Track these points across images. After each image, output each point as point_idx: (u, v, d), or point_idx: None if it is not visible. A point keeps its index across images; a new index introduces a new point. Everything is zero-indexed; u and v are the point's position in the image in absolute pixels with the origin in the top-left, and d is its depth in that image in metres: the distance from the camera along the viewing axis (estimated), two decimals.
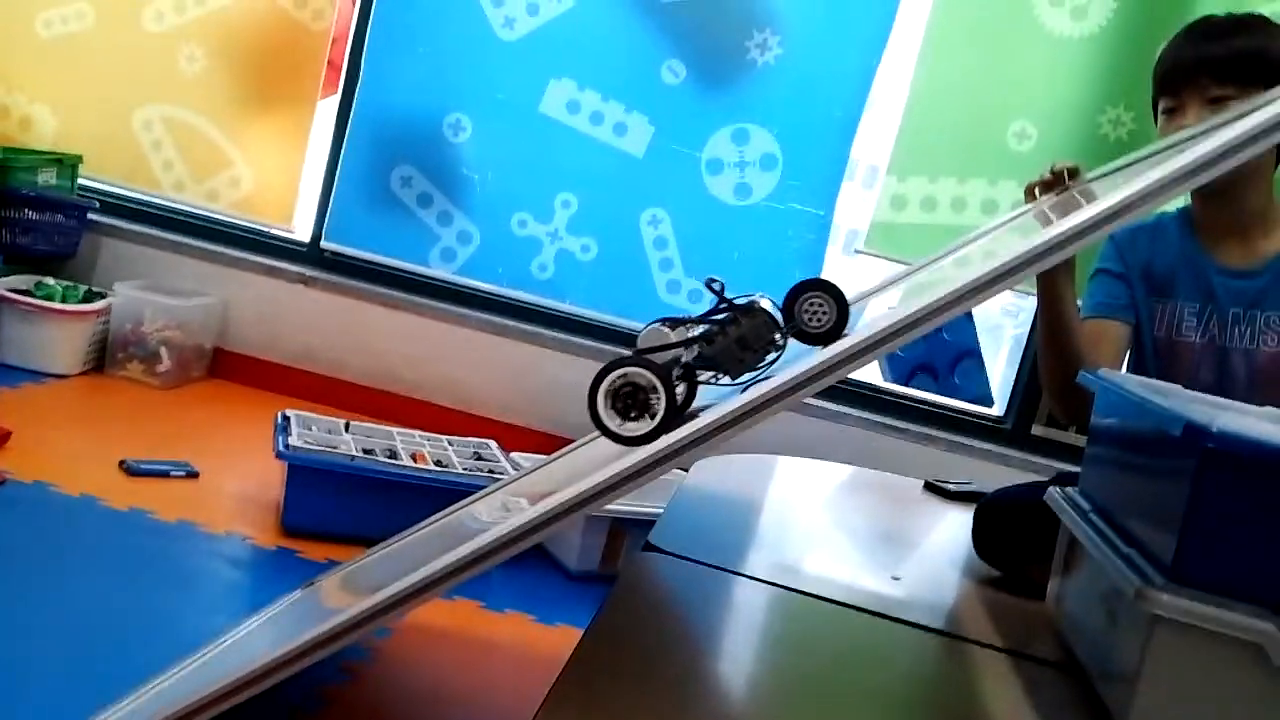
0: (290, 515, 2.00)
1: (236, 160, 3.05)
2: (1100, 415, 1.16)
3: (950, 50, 2.74)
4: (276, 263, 3.02)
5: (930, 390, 3.15)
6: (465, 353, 2.96)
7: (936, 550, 1.57)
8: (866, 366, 0.88)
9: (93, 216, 2.98)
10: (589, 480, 0.87)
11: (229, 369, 3.02)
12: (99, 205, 3.00)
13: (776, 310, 0.98)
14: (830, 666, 1.03)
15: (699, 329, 1.00)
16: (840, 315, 0.97)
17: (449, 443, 2.29)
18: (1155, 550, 0.88)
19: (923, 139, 2.77)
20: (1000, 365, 3.83)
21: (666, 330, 1.01)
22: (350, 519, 1.98)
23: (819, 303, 0.97)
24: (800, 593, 1.16)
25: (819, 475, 1.88)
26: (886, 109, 2.89)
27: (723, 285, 1.00)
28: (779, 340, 0.97)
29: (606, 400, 0.94)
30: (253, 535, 1.96)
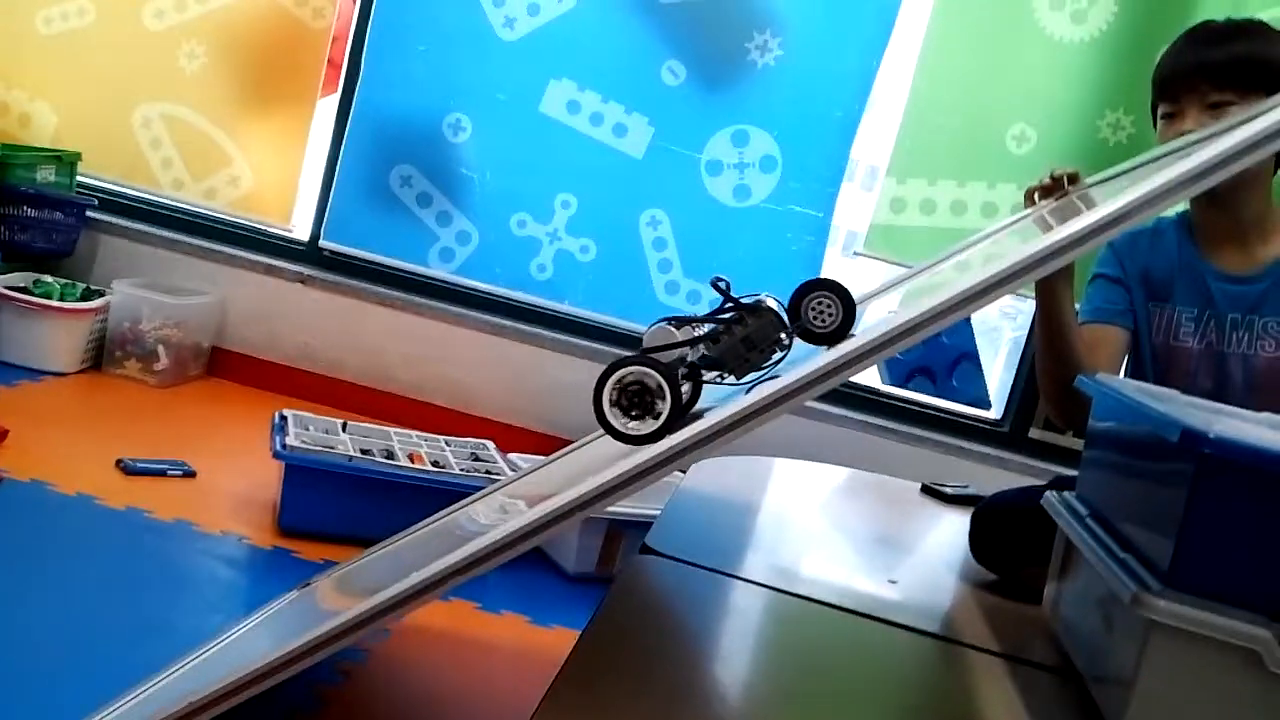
0: (287, 515, 2.00)
1: (236, 158, 3.05)
2: (1097, 420, 1.16)
3: (950, 53, 2.74)
4: (275, 261, 3.02)
5: (928, 393, 3.14)
6: (463, 353, 2.96)
7: (933, 554, 1.57)
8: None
9: (91, 214, 2.98)
10: (589, 483, 0.86)
11: (227, 368, 3.02)
12: (98, 203, 2.99)
13: (782, 310, 0.98)
14: (826, 670, 1.03)
15: (705, 328, 1.00)
16: (846, 315, 0.97)
17: (446, 443, 2.29)
18: (1152, 555, 0.88)
19: (922, 141, 2.77)
20: (998, 368, 3.83)
21: (672, 329, 1.01)
22: (347, 519, 1.98)
23: (825, 303, 0.97)
24: (797, 596, 1.16)
25: (816, 478, 1.88)
26: (886, 111, 2.89)
27: (728, 284, 1.00)
28: (784, 340, 0.97)
29: (612, 399, 0.93)
30: (249, 535, 1.96)
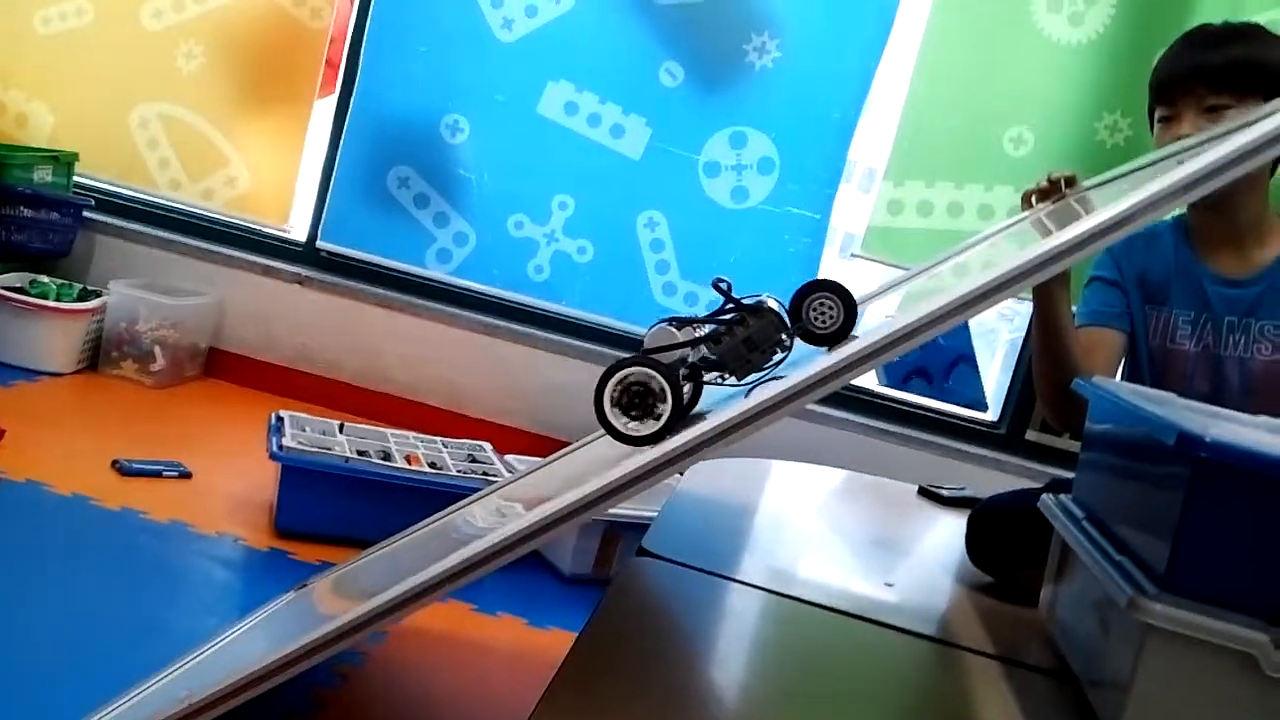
0: (283, 516, 2.00)
1: (233, 159, 3.05)
2: (1094, 423, 1.16)
3: (948, 55, 2.75)
4: (272, 262, 3.01)
5: (925, 395, 3.15)
6: (461, 354, 2.95)
7: (930, 556, 1.58)
8: None
9: (88, 214, 2.98)
10: (589, 485, 0.86)
11: (223, 368, 3.01)
12: (94, 203, 2.99)
13: (783, 311, 0.98)
14: (823, 673, 1.03)
15: (706, 329, 1.00)
16: (848, 316, 0.97)
17: (443, 444, 2.29)
18: (1148, 559, 0.88)
19: (920, 143, 2.77)
20: (995, 370, 3.84)
21: (673, 330, 1.01)
22: (343, 521, 1.98)
23: (826, 304, 0.97)
24: (793, 599, 1.16)
25: (813, 480, 1.88)
26: (884, 113, 2.89)
27: (729, 285, 1.00)
28: (786, 341, 0.97)
29: (613, 400, 0.93)
30: (245, 536, 1.96)
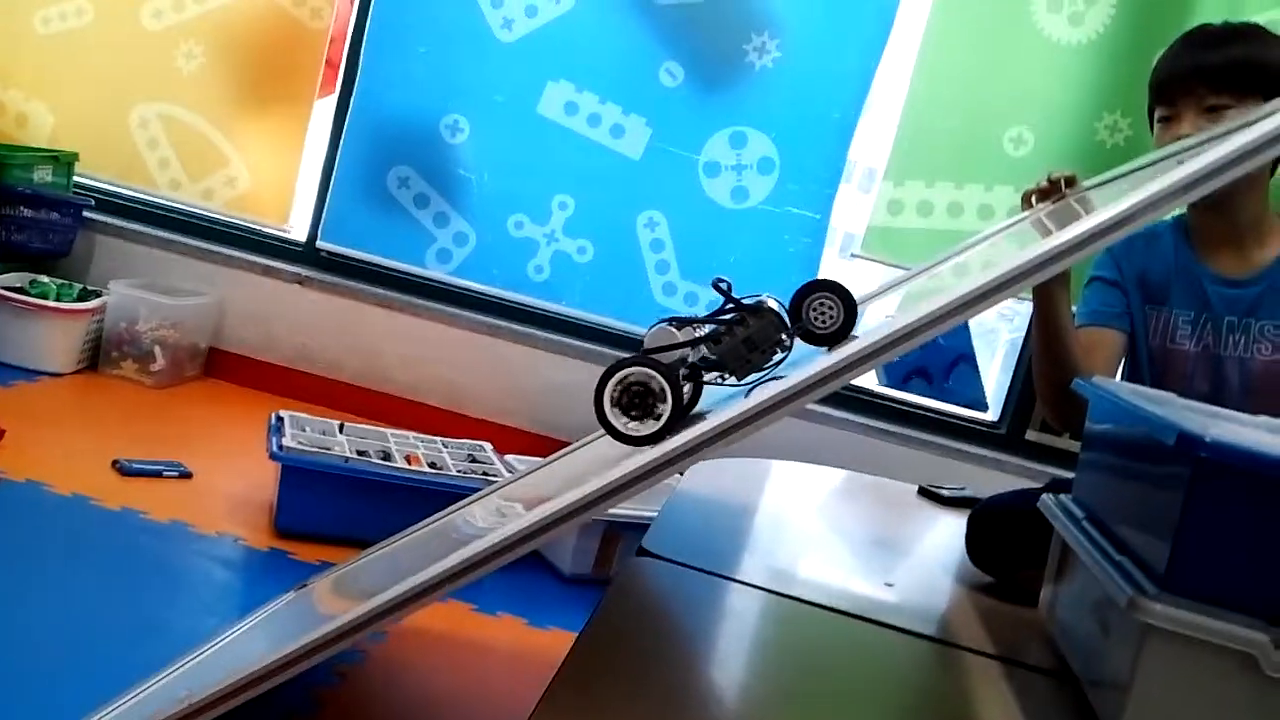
0: (283, 516, 2.00)
1: (233, 159, 3.05)
2: (1094, 423, 1.16)
3: (948, 55, 2.75)
4: (272, 262, 3.01)
5: (925, 394, 3.15)
6: (461, 354, 2.95)
7: (930, 556, 1.58)
8: None
9: (88, 214, 2.98)
10: (590, 485, 0.86)
11: (223, 368, 3.01)
12: (94, 203, 2.99)
13: (783, 311, 0.98)
14: (823, 673, 1.03)
15: (706, 329, 1.00)
16: (848, 316, 0.97)
17: (443, 444, 2.29)
18: (1148, 559, 0.88)
19: (920, 143, 2.77)
20: (995, 370, 3.84)
21: (673, 330, 1.01)
22: (343, 521, 1.98)
23: (826, 303, 0.97)
24: (793, 599, 1.16)
25: (813, 480, 1.89)
26: (884, 112, 2.89)
27: (730, 285, 1.00)
28: (786, 341, 0.97)
29: (613, 400, 0.93)
30: (245, 536, 1.96)
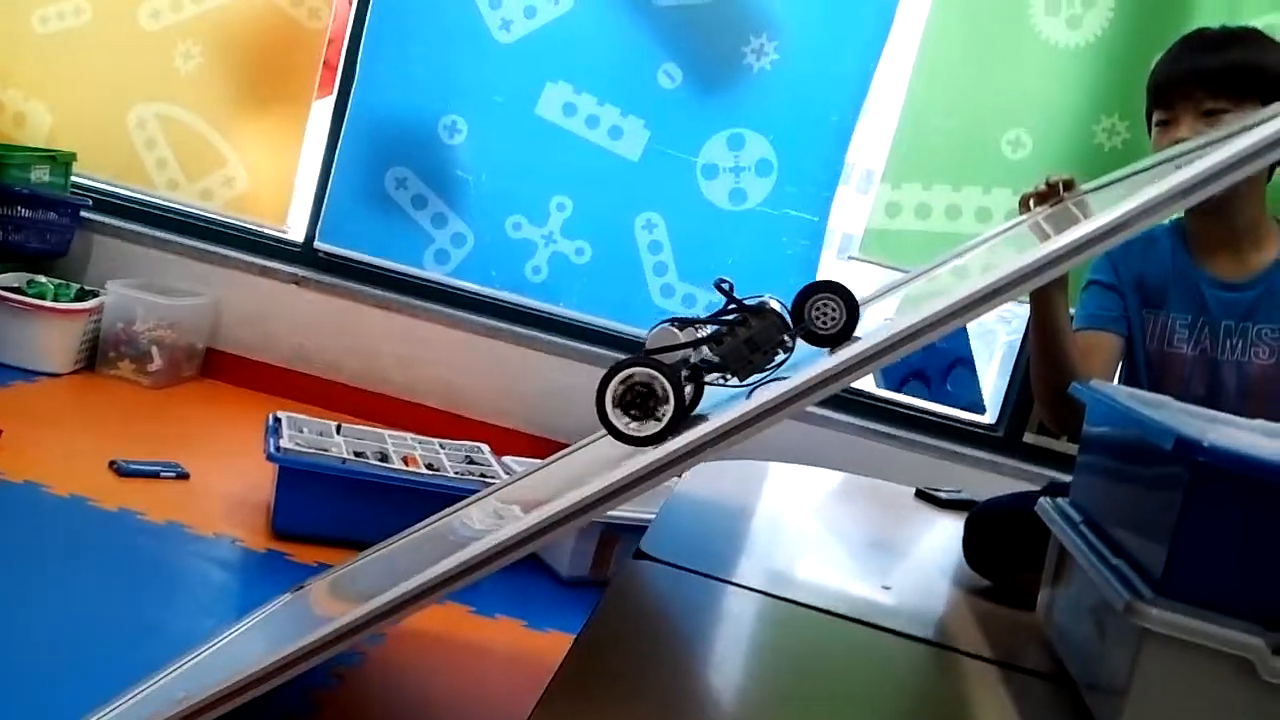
0: (280, 518, 2.00)
1: (231, 159, 3.04)
2: (1091, 427, 1.16)
3: (946, 57, 2.75)
4: (269, 263, 3.01)
5: (922, 397, 3.16)
6: (458, 355, 2.95)
7: (927, 559, 1.58)
8: None
9: (86, 214, 2.98)
10: (589, 487, 0.86)
11: (220, 369, 3.01)
12: (92, 203, 2.99)
13: (785, 312, 0.98)
14: (820, 677, 1.03)
15: (707, 329, 1.00)
16: (849, 318, 0.97)
17: (440, 446, 2.29)
18: (1145, 563, 0.88)
19: (918, 146, 2.78)
20: (993, 372, 3.84)
21: (676, 330, 1.01)
22: (341, 522, 1.98)
23: (829, 304, 0.97)
24: (791, 602, 1.16)
25: (811, 482, 1.89)
26: (882, 114, 2.89)
27: (731, 286, 1.00)
28: (788, 342, 0.97)
29: (614, 400, 0.93)
30: (242, 537, 1.96)
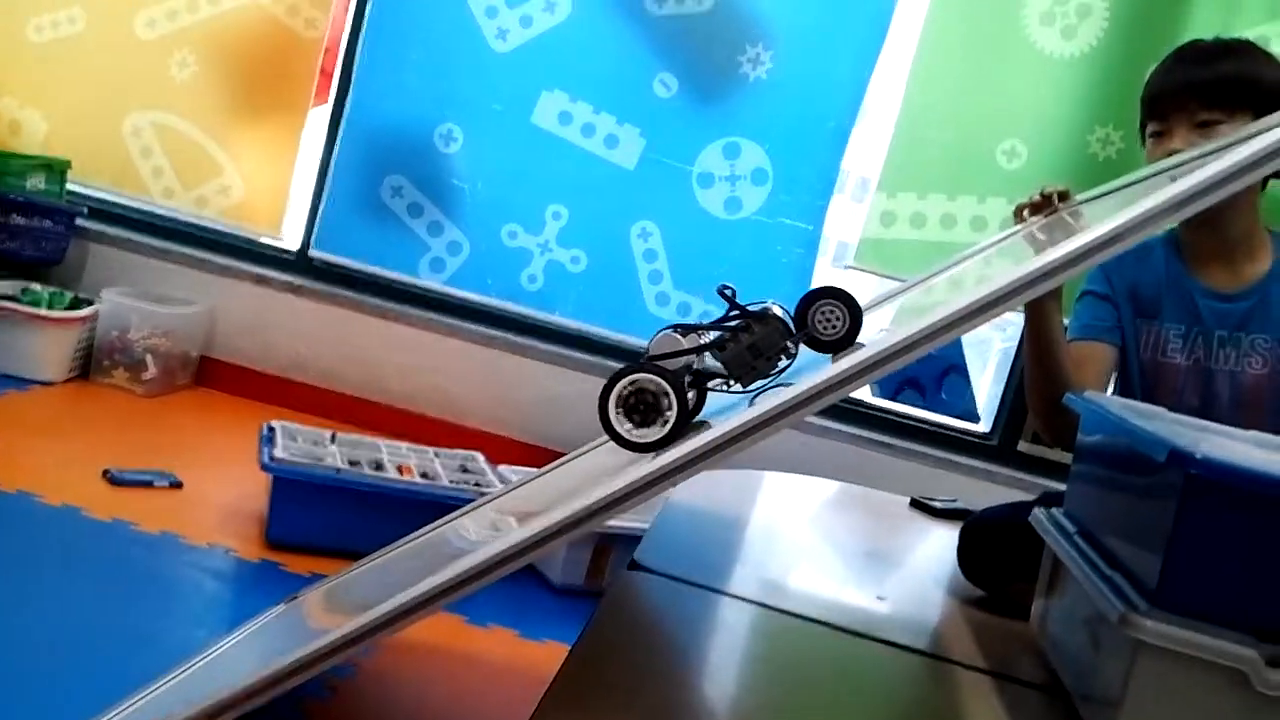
0: (274, 528, 1.99)
1: (226, 168, 3.04)
2: (1085, 437, 1.16)
3: (941, 67, 2.76)
4: (265, 271, 3.01)
5: (917, 405, 3.16)
6: (453, 363, 2.95)
7: (921, 569, 1.58)
8: None
9: (81, 222, 2.97)
10: (591, 496, 0.85)
11: (215, 377, 3.00)
12: (87, 211, 2.98)
13: (788, 318, 0.98)
14: (814, 687, 1.03)
15: (710, 336, 1.00)
16: (853, 324, 0.97)
17: (435, 455, 2.28)
18: (1139, 574, 0.88)
19: (913, 155, 2.78)
20: (987, 381, 3.85)
21: (678, 337, 1.01)
22: (335, 532, 1.97)
23: (832, 310, 0.97)
24: (786, 613, 1.16)
25: (805, 491, 1.89)
26: (877, 123, 2.90)
27: (734, 292, 1.00)
28: (791, 348, 0.97)
29: (618, 406, 0.93)
30: (236, 547, 1.95)
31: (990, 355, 4.31)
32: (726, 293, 1.00)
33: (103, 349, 2.79)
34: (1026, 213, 1.54)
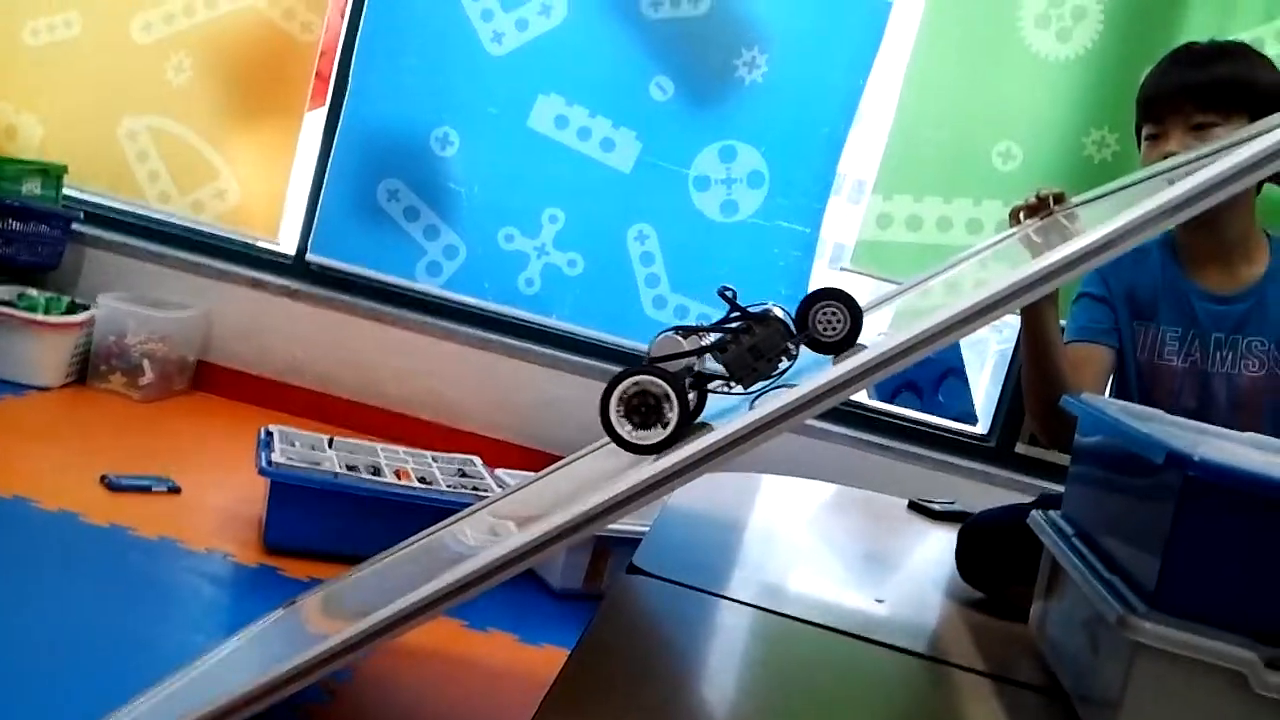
0: (272, 532, 1.99)
1: (223, 172, 3.04)
2: (1083, 440, 1.16)
3: (936, 70, 2.76)
4: (261, 275, 3.01)
5: (914, 408, 3.16)
6: (450, 367, 2.95)
7: (920, 572, 1.58)
8: None
9: (77, 227, 2.97)
10: (593, 499, 0.85)
11: (212, 382, 3.00)
12: (83, 216, 2.98)
13: (789, 319, 0.98)
14: (813, 691, 1.03)
15: (711, 337, 1.00)
16: (854, 325, 0.97)
17: (433, 459, 2.28)
18: (1137, 577, 0.89)
19: (909, 158, 2.79)
20: (984, 382, 3.85)
21: (679, 339, 1.01)
22: (333, 536, 1.97)
23: (833, 312, 0.97)
24: (784, 616, 1.16)
25: (804, 494, 1.89)
26: (873, 125, 2.90)
27: (735, 293, 1.01)
28: (792, 350, 0.97)
29: (619, 408, 0.93)
30: (234, 552, 1.95)
31: (987, 356, 4.31)
32: (727, 294, 1.00)
33: (99, 354, 2.78)
34: (1022, 215, 1.55)
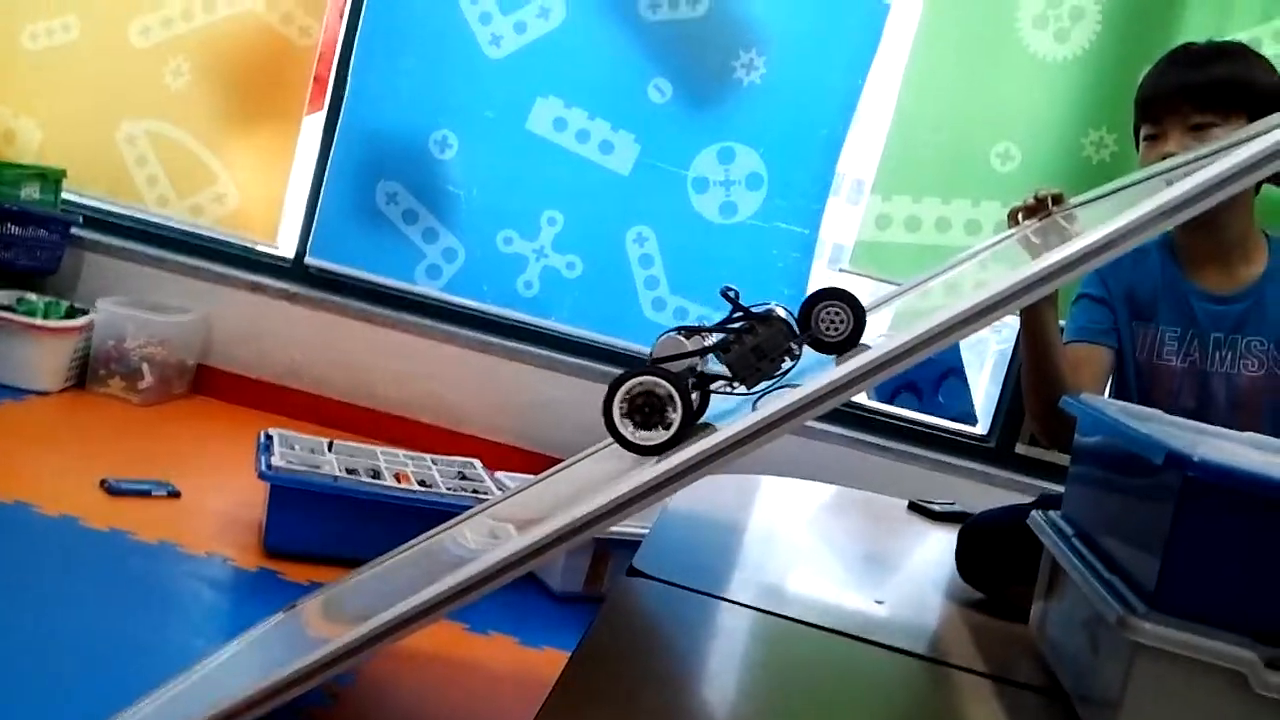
0: (272, 536, 1.99)
1: (221, 176, 3.04)
2: (1082, 440, 1.16)
3: (935, 71, 2.76)
4: (260, 279, 3.01)
5: (914, 408, 3.16)
6: (450, 370, 2.95)
7: (920, 572, 1.58)
8: None
9: (76, 231, 2.97)
10: (594, 501, 0.85)
11: (211, 386, 3.00)
12: (82, 220, 2.98)
13: (792, 319, 0.98)
14: (814, 692, 1.03)
15: (714, 338, 1.00)
16: (857, 325, 0.97)
17: (433, 462, 2.28)
18: (1137, 577, 0.89)
19: (907, 159, 2.79)
20: (984, 382, 3.85)
21: (682, 339, 1.01)
22: (333, 540, 1.97)
23: (836, 312, 0.97)
24: (784, 618, 1.16)
25: (804, 495, 1.89)
26: (871, 126, 2.90)
27: (738, 294, 1.01)
28: (795, 350, 0.97)
29: (622, 409, 0.93)
30: (234, 556, 1.95)
31: (987, 357, 4.31)
32: (730, 294, 1.00)
33: (99, 358, 2.78)
34: (1021, 216, 1.55)
